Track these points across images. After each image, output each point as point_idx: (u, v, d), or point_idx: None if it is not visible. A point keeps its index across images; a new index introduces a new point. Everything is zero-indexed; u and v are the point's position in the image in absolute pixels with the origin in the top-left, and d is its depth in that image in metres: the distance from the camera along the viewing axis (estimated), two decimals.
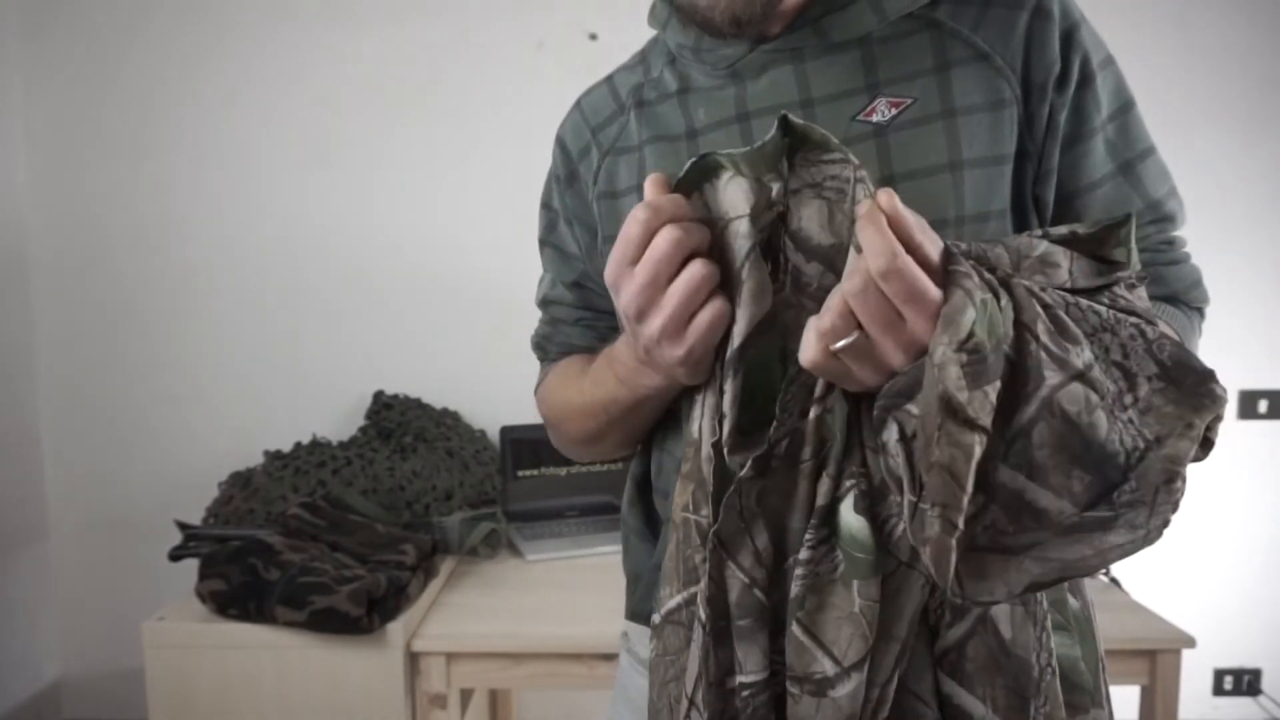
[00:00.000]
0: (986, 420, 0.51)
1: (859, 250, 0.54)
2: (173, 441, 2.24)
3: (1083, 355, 0.53)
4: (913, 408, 0.53)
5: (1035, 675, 0.59)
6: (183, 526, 1.69)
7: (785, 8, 0.69)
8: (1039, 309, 0.54)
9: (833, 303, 0.55)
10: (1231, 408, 2.23)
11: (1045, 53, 0.67)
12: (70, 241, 2.23)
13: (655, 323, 0.61)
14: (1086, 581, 0.69)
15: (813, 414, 0.59)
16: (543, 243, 0.88)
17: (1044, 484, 0.52)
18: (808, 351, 0.56)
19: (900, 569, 0.58)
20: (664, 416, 0.79)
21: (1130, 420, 0.53)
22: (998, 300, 0.53)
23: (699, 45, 0.73)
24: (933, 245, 0.55)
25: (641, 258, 0.59)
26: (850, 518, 0.58)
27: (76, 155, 2.21)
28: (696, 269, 0.59)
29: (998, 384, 0.51)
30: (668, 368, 0.64)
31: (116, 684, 2.25)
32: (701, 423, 0.64)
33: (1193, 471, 0.53)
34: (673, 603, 0.64)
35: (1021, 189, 0.69)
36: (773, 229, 0.60)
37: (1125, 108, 0.71)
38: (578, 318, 0.87)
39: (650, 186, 0.60)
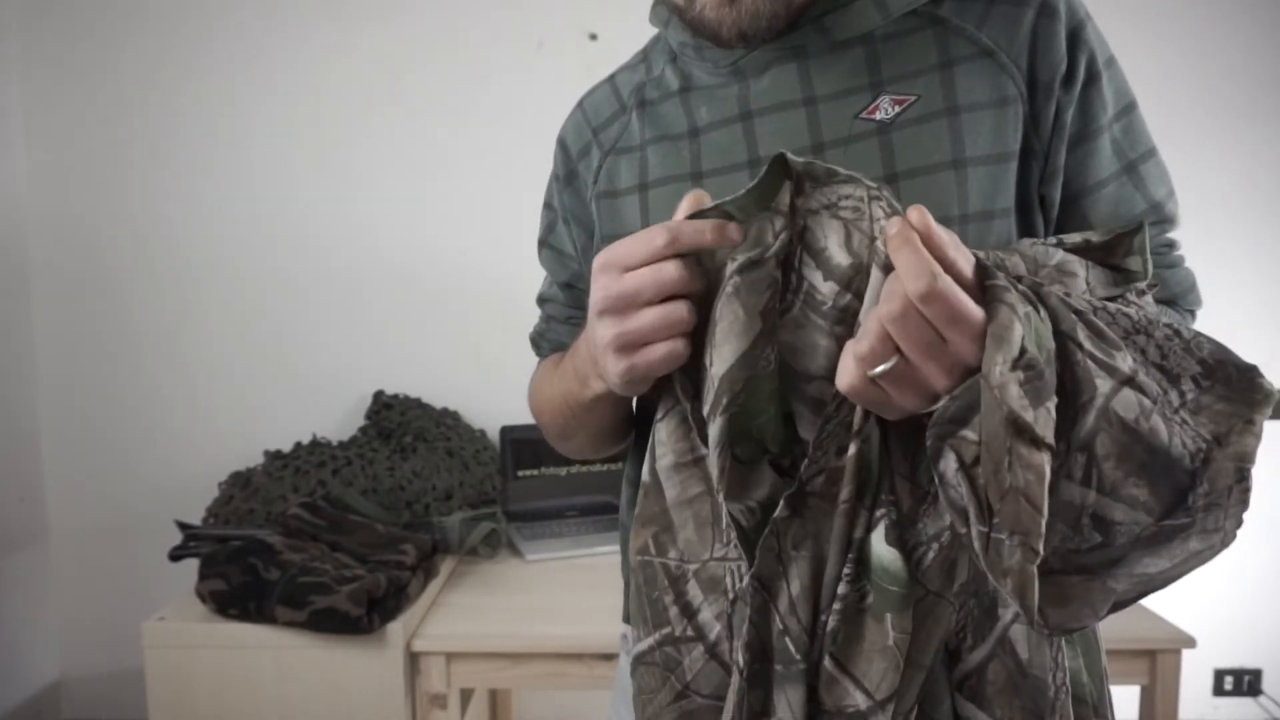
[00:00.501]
0: (1051, 438, 0.48)
1: (886, 271, 0.51)
2: (173, 442, 2.24)
3: (1126, 360, 0.51)
4: (970, 434, 0.50)
5: (1051, 695, 0.59)
6: (183, 526, 1.69)
7: (794, 2, 0.69)
8: (1074, 317, 0.52)
9: (870, 327, 0.52)
10: None
11: (1051, 50, 0.66)
12: (70, 241, 2.23)
13: (611, 331, 0.60)
14: None
15: (852, 449, 0.57)
16: (541, 243, 0.88)
17: (1115, 497, 0.50)
18: (845, 377, 0.53)
19: (929, 597, 0.58)
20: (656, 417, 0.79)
21: (1185, 422, 0.51)
22: (1037, 312, 0.52)
23: (700, 43, 0.72)
24: (966, 262, 0.52)
25: (636, 270, 0.58)
26: (882, 549, 0.56)
27: (76, 155, 2.21)
28: (678, 311, 0.58)
29: (1055, 399, 0.49)
30: (606, 374, 0.64)
31: (116, 684, 2.25)
32: (654, 463, 0.62)
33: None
34: (643, 646, 0.63)
35: (1027, 187, 0.68)
36: (787, 249, 0.58)
37: (1129, 108, 0.70)
38: (568, 316, 0.88)
39: (686, 204, 0.58)
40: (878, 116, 0.67)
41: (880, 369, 0.52)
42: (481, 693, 1.91)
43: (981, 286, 0.52)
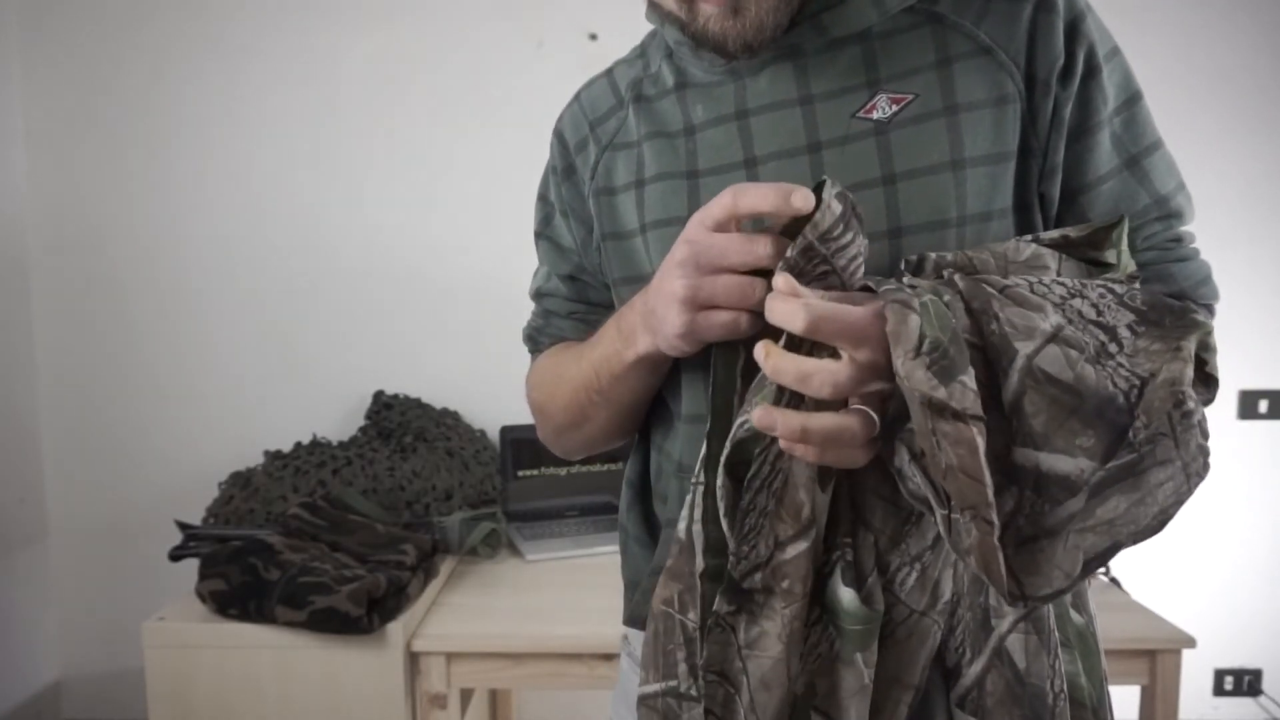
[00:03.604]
0: (976, 408, 0.49)
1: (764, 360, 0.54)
2: (172, 442, 2.24)
3: (1049, 319, 0.53)
4: (911, 424, 0.52)
5: (1050, 702, 0.59)
6: (183, 526, 1.69)
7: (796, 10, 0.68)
8: (991, 291, 0.54)
9: (826, 424, 0.54)
10: (1232, 408, 2.23)
11: (1049, 46, 0.65)
12: (70, 241, 2.22)
13: (686, 283, 0.61)
14: (1085, 583, 0.69)
15: (798, 548, 0.57)
16: (538, 235, 0.87)
17: (1055, 449, 0.51)
18: (859, 460, 0.55)
19: (912, 617, 0.58)
20: (660, 415, 0.78)
21: (1120, 365, 0.52)
22: (940, 298, 0.53)
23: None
24: (845, 299, 0.55)
25: (729, 235, 0.59)
26: (841, 591, 0.57)
27: (76, 155, 2.21)
28: (754, 287, 0.59)
29: (971, 371, 0.50)
30: (663, 326, 0.64)
31: (116, 684, 2.25)
32: (690, 522, 0.62)
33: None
34: (649, 689, 0.63)
35: (1026, 187, 0.67)
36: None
37: (1132, 100, 0.69)
38: (571, 310, 0.87)
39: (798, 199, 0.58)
40: (875, 115, 0.66)
41: (877, 422, 0.54)
42: (481, 693, 1.91)
43: (874, 298, 0.55)
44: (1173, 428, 0.51)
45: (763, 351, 0.55)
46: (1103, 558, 0.51)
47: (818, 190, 0.56)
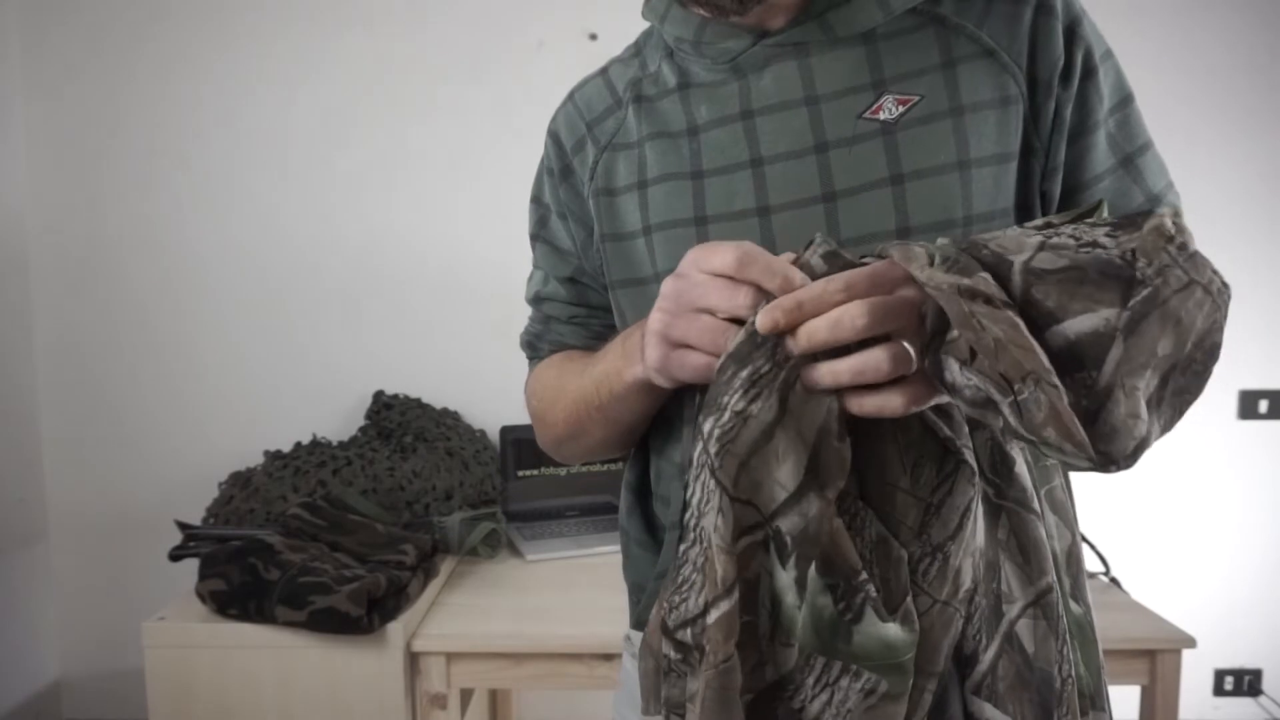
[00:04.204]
0: (1003, 295, 0.51)
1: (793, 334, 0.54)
2: (173, 441, 2.24)
3: (1031, 238, 0.55)
4: (952, 333, 0.52)
5: (1058, 687, 0.60)
6: (183, 526, 1.69)
7: (790, 6, 0.68)
8: (971, 241, 0.56)
9: (863, 357, 0.53)
10: (1231, 408, 2.23)
11: (1050, 48, 0.66)
12: (70, 241, 2.23)
13: (662, 320, 0.61)
14: (1086, 582, 0.69)
15: (720, 610, 0.55)
16: (534, 238, 0.87)
17: (1075, 314, 0.52)
18: (897, 405, 0.54)
19: (935, 606, 0.58)
20: (660, 418, 0.78)
21: (1109, 248, 0.54)
22: (932, 243, 0.57)
23: (699, 39, 0.72)
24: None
25: (718, 280, 0.58)
26: (878, 629, 0.56)
27: (76, 155, 2.21)
28: (730, 336, 0.58)
29: (986, 274, 0.52)
30: (646, 356, 0.64)
31: (116, 684, 2.26)
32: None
33: (1193, 471, 0.53)
34: None
35: (1028, 186, 0.68)
36: None
37: (1125, 101, 0.70)
38: (571, 315, 0.86)
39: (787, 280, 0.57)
40: (881, 116, 0.67)
41: (914, 353, 0.53)
42: (481, 693, 1.90)
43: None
44: (1175, 259, 0.53)
45: (775, 317, 0.54)
46: (1159, 394, 0.52)
47: (806, 247, 0.57)
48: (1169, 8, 2.18)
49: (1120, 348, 0.51)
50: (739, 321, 0.57)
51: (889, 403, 0.54)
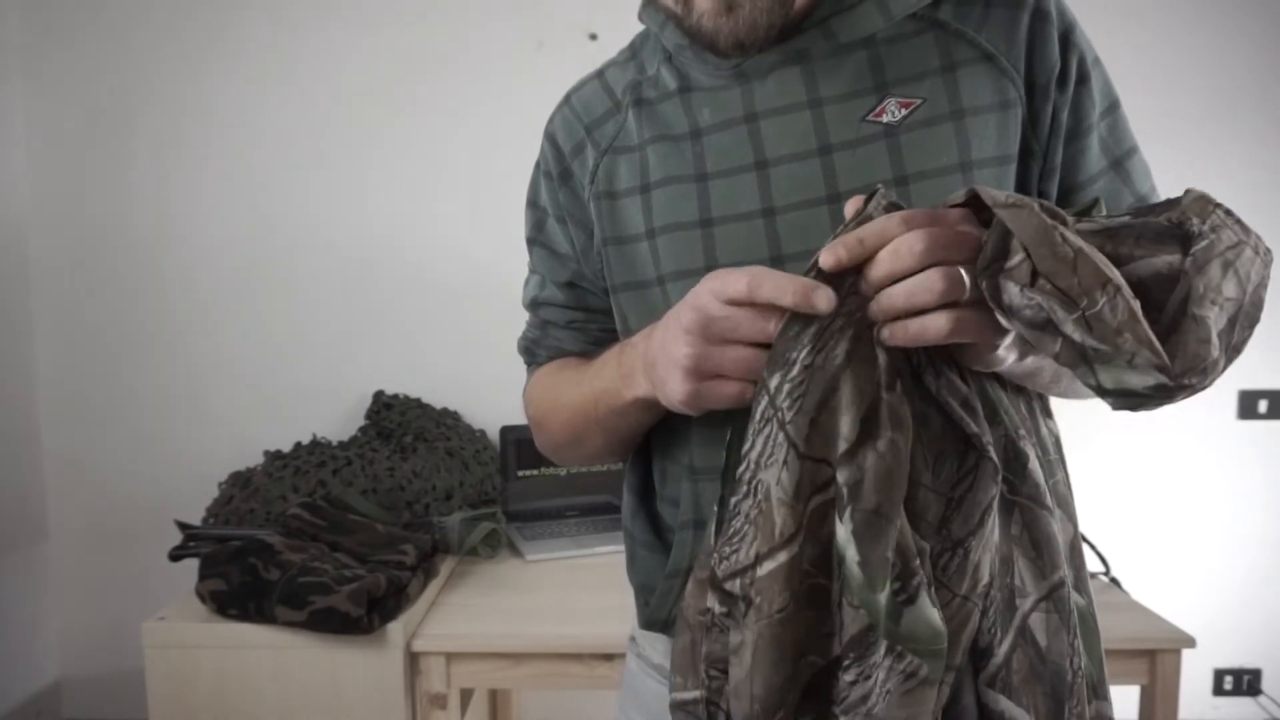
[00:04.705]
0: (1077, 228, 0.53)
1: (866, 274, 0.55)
2: (173, 441, 2.24)
3: (1061, 213, 0.55)
4: (1013, 259, 0.53)
5: (1069, 680, 0.60)
6: (183, 526, 1.69)
7: (792, 12, 0.69)
8: None
9: (919, 279, 0.54)
10: (1231, 408, 2.23)
11: (1047, 54, 0.68)
12: (70, 241, 2.23)
13: (691, 351, 0.60)
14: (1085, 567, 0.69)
15: (779, 560, 0.56)
16: (531, 241, 0.87)
17: (1140, 259, 0.53)
18: (941, 327, 0.54)
19: (955, 600, 0.58)
20: (664, 426, 0.78)
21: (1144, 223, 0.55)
22: None
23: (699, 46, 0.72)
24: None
25: (742, 308, 0.58)
26: (931, 614, 0.56)
27: (76, 155, 2.21)
28: (763, 360, 0.59)
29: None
30: (665, 387, 0.64)
31: (116, 684, 2.26)
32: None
33: (1192, 470, 0.54)
34: (687, 695, 0.64)
35: (1026, 187, 0.70)
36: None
37: (1114, 106, 0.72)
38: (569, 320, 0.86)
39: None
40: (884, 119, 0.68)
41: (968, 278, 0.54)
42: (481, 693, 1.91)
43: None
44: (1225, 220, 0.55)
45: (838, 254, 0.54)
46: (1229, 334, 0.53)
47: (869, 199, 0.57)
48: (1170, 8, 2.18)
49: (1187, 284, 0.52)
50: (767, 346, 0.59)
51: (933, 323, 0.54)
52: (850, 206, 0.57)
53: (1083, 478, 0.67)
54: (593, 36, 2.18)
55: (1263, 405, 2.23)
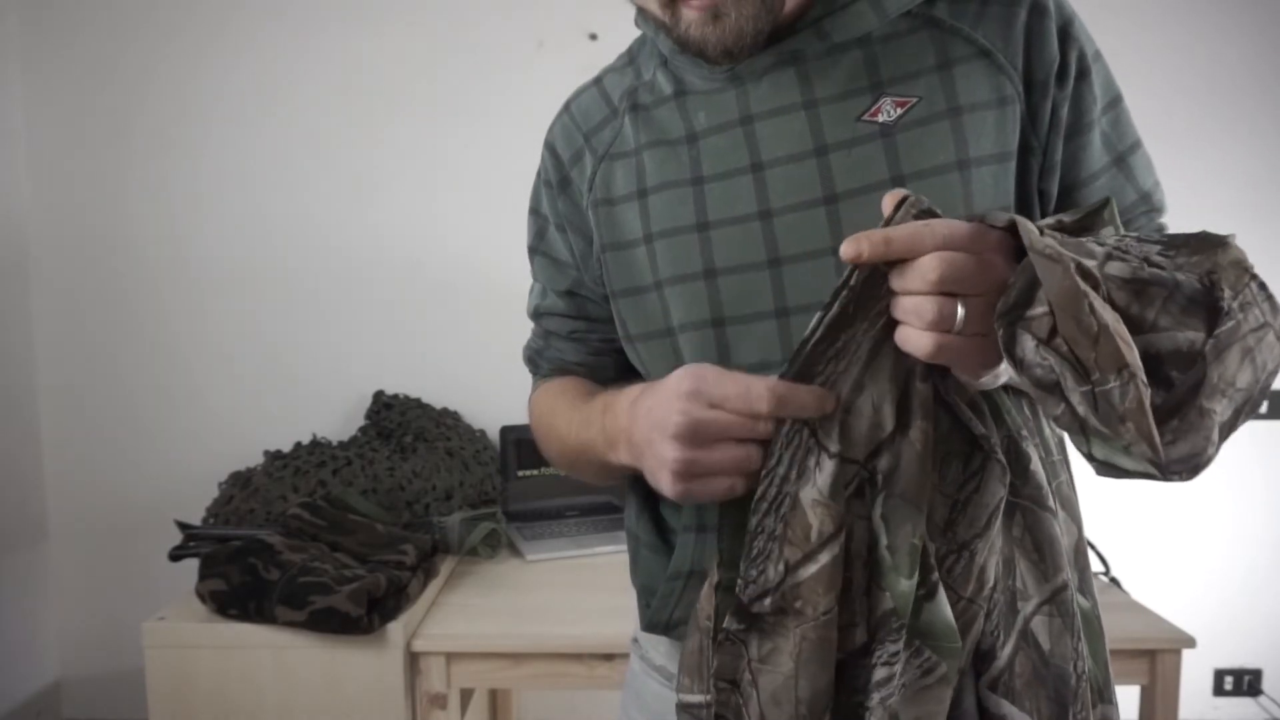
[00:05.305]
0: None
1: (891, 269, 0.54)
2: (173, 441, 2.24)
3: (1097, 247, 0.54)
4: (1037, 309, 0.51)
5: (1073, 684, 0.60)
6: (183, 526, 1.69)
7: (784, 13, 0.69)
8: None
9: (917, 301, 0.53)
10: None
11: (1045, 49, 0.67)
12: (70, 241, 2.23)
13: (681, 455, 0.60)
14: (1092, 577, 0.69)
15: (821, 561, 0.57)
16: (532, 250, 0.87)
17: (1160, 330, 0.52)
18: (924, 345, 0.53)
19: (960, 603, 0.58)
20: None
21: (1176, 270, 0.53)
22: None
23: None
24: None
25: (728, 414, 0.59)
26: (946, 612, 0.57)
27: (77, 155, 2.21)
28: (752, 456, 0.59)
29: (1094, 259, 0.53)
30: (655, 481, 0.64)
31: (116, 684, 2.25)
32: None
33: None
34: (694, 699, 0.64)
35: (1026, 185, 0.69)
36: None
37: (1115, 101, 0.71)
38: (570, 330, 0.86)
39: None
40: (880, 119, 0.67)
41: (960, 316, 0.53)
42: (481, 693, 1.90)
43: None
44: (1255, 298, 0.53)
45: (860, 248, 0.53)
46: (1235, 425, 0.53)
47: (899, 207, 0.55)
48: (1170, 8, 2.18)
49: (1202, 370, 0.51)
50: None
51: (916, 340, 0.54)
52: (888, 201, 0.56)
53: (1082, 477, 0.66)
54: (593, 36, 2.18)
55: (1263, 405, 2.23)
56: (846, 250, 0.53)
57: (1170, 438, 0.50)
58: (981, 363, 0.55)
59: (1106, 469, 0.52)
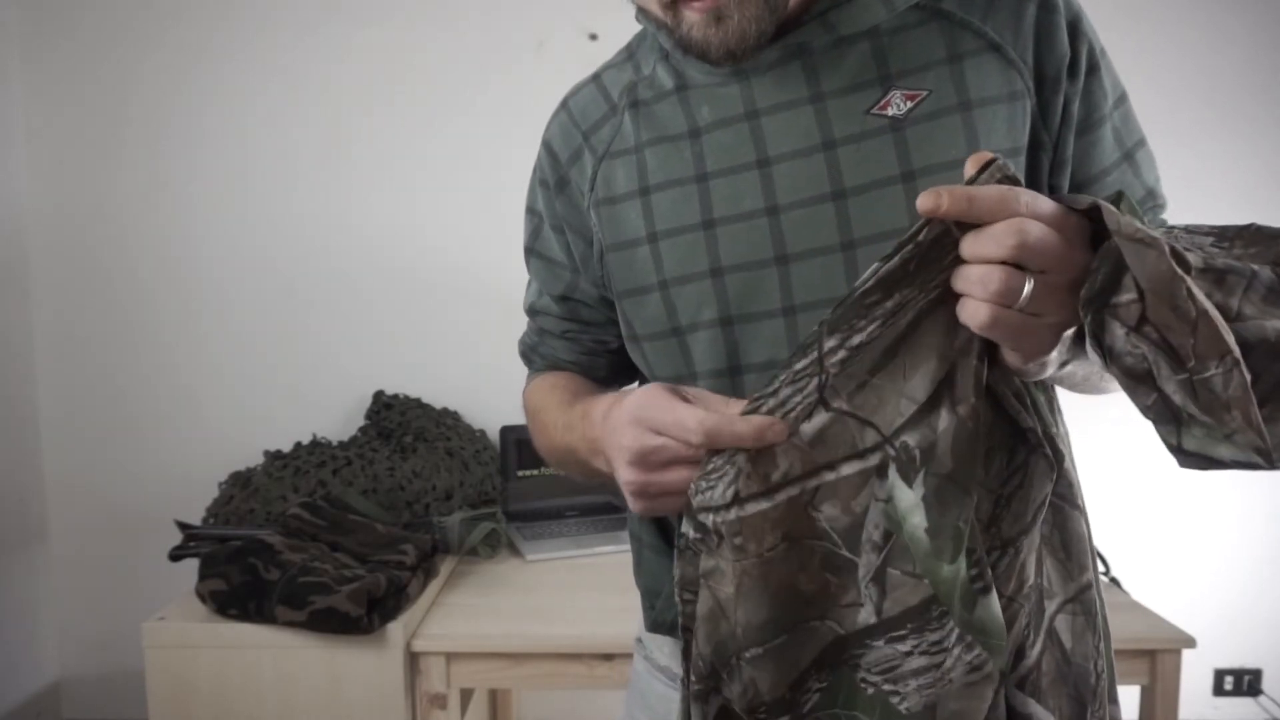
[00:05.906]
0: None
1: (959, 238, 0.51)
2: (173, 441, 2.24)
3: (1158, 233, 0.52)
4: (1124, 295, 0.49)
5: (1093, 683, 0.60)
6: (183, 526, 1.69)
7: (784, 15, 0.67)
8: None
9: (986, 270, 0.51)
10: None
11: (1055, 44, 0.67)
12: (70, 241, 2.22)
13: (637, 478, 0.64)
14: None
15: (750, 510, 0.58)
16: (528, 250, 0.86)
17: (1245, 319, 0.50)
18: (980, 317, 0.51)
19: (1002, 601, 0.57)
20: None
21: (1241, 258, 0.52)
22: None
23: None
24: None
25: (672, 442, 0.61)
26: (998, 610, 0.56)
27: (76, 155, 2.21)
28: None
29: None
30: (626, 498, 0.67)
31: (116, 684, 2.25)
32: None
33: (1192, 470, 0.52)
34: (702, 688, 0.63)
35: (1036, 180, 0.68)
36: None
37: (1123, 97, 0.71)
38: (564, 330, 0.86)
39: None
40: (890, 112, 0.66)
41: (1026, 292, 0.50)
42: (481, 693, 1.90)
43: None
44: None
45: (940, 201, 0.50)
46: None
47: (984, 169, 0.52)
48: (1171, 8, 2.18)
49: None
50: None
51: (973, 310, 0.52)
52: (972, 163, 0.53)
53: (1082, 477, 0.66)
54: (593, 36, 2.18)
55: None
56: (924, 202, 0.50)
57: (1269, 423, 0.49)
58: (1035, 347, 0.53)
59: (1196, 460, 0.50)
